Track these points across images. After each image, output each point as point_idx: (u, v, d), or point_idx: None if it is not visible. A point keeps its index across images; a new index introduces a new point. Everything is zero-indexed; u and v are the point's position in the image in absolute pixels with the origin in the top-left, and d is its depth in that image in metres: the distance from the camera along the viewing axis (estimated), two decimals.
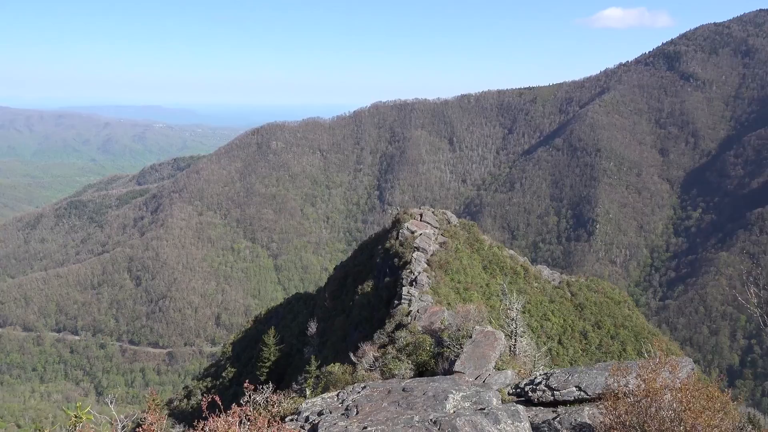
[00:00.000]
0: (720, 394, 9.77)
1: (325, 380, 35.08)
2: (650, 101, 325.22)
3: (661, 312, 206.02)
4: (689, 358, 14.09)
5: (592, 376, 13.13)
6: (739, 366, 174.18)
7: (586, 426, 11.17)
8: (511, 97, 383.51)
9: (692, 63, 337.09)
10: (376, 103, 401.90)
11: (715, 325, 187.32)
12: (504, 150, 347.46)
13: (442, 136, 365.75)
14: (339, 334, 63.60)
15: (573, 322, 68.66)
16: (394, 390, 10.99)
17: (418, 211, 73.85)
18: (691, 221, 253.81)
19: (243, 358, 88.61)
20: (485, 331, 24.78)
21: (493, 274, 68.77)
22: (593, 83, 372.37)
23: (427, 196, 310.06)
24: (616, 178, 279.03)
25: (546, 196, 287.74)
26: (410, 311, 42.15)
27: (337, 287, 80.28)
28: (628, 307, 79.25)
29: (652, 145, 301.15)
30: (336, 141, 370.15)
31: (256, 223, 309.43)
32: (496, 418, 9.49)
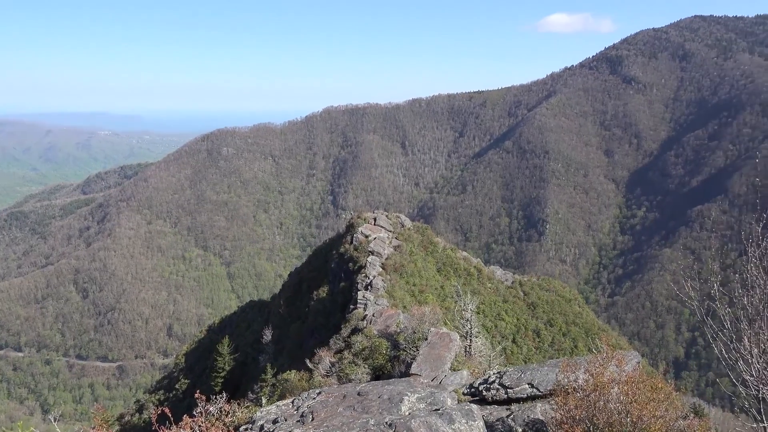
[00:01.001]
0: (664, 386, 10.15)
1: (281, 388, 34.72)
2: (595, 104, 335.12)
3: (610, 308, 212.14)
4: (636, 352, 14.57)
5: (543, 373, 13.42)
6: (685, 358, 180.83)
7: (539, 422, 11.42)
8: (461, 100, 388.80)
9: (633, 67, 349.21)
10: (327, 108, 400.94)
11: (661, 320, 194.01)
12: (455, 153, 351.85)
13: (395, 140, 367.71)
14: (295, 340, 62.96)
15: (526, 321, 69.83)
16: (350, 394, 10.99)
17: (372, 215, 73.90)
18: (636, 220, 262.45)
19: (197, 368, 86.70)
20: (440, 332, 24.98)
21: (448, 275, 69.39)
22: (540, 87, 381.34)
23: (380, 199, 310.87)
24: (564, 179, 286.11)
25: (497, 198, 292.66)
26: (366, 315, 42.14)
27: (292, 293, 79.49)
28: (578, 305, 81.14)
29: (597, 147, 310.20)
30: (288, 146, 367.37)
31: (207, 231, 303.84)
32: (451, 418, 9.60)
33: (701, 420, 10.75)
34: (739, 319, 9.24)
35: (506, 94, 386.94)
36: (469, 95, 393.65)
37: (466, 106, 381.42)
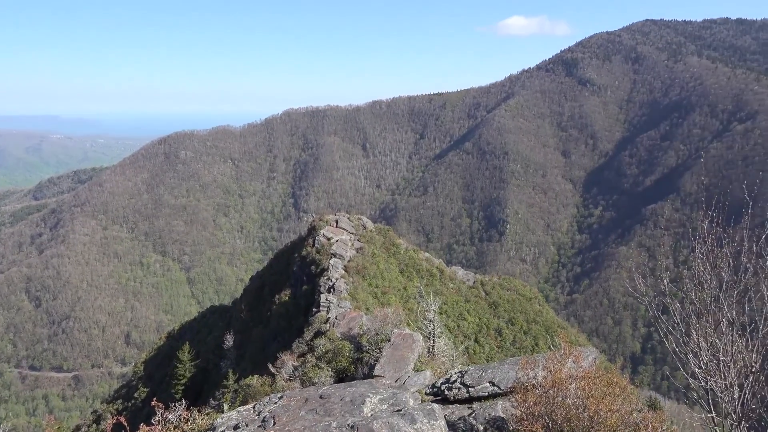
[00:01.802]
0: (619, 380, 10.44)
1: (243, 393, 34.33)
2: (552, 105, 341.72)
3: (569, 306, 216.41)
4: (593, 348, 14.94)
5: (504, 371, 13.64)
6: (641, 353, 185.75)
7: (500, 419, 11.60)
8: (421, 102, 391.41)
9: (588, 69, 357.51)
10: (287, 110, 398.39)
11: (618, 316, 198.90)
12: (416, 155, 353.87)
13: (356, 142, 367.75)
14: (257, 345, 62.27)
15: (488, 321, 70.58)
16: (312, 398, 10.96)
17: (333, 217, 73.69)
18: (593, 219, 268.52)
19: (156, 376, 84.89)
20: (403, 333, 25.09)
21: (410, 277, 69.66)
22: (499, 89, 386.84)
23: (342, 202, 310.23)
24: (523, 180, 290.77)
25: (458, 199, 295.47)
26: (329, 318, 42.02)
27: (253, 298, 78.62)
28: (538, 303, 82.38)
29: (555, 148, 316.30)
30: (248, 149, 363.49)
31: (166, 236, 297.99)
32: (413, 418, 9.68)
33: (656, 413, 11.08)
34: (689, 314, 9.59)
35: (465, 95, 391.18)
36: (429, 97, 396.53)
37: (427, 108, 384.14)
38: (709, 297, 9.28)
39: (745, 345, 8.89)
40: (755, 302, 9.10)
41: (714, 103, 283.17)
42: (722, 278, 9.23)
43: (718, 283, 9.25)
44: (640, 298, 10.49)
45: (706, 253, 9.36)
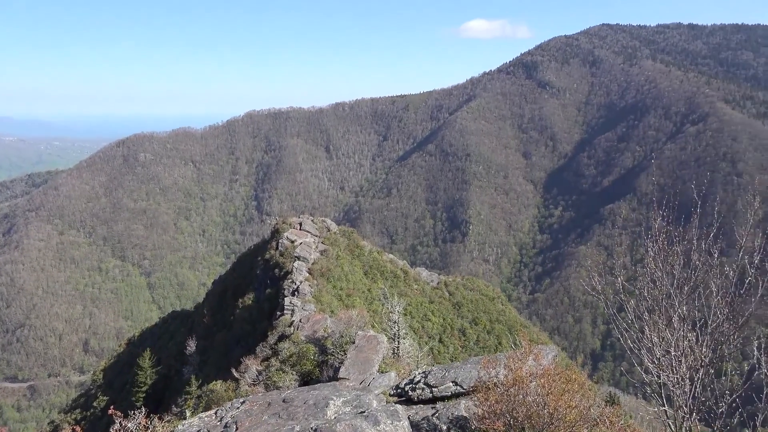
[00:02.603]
0: (577, 377, 10.70)
1: (206, 399, 33.87)
2: (512, 108, 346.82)
3: (531, 305, 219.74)
4: (553, 346, 15.23)
5: (466, 370, 13.79)
6: (601, 349, 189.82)
7: (462, 418, 11.74)
8: (384, 104, 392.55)
9: (547, 72, 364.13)
10: (249, 112, 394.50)
11: (578, 314, 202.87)
12: (380, 156, 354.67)
13: (319, 144, 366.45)
14: (220, 350, 61.43)
15: (452, 321, 71.16)
16: (275, 402, 10.90)
17: (297, 220, 73.27)
18: (554, 219, 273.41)
19: (116, 384, 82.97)
20: (368, 335, 25.12)
21: (374, 278, 69.75)
22: (460, 91, 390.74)
23: (306, 204, 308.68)
24: (485, 181, 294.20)
25: (422, 201, 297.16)
26: (293, 321, 41.78)
27: (216, 302, 77.56)
28: (501, 303, 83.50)
29: (516, 149, 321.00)
30: (209, 151, 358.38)
31: (125, 240, 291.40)
32: (376, 420, 9.72)
33: (613, 408, 11.39)
34: (642, 311, 9.90)
35: (428, 98, 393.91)
36: (392, 99, 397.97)
37: (390, 110, 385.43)
38: (661, 294, 9.60)
39: (696, 340, 9.23)
40: (704, 298, 9.46)
41: (668, 105, 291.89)
42: (673, 275, 9.58)
43: (670, 280, 9.58)
44: (596, 295, 10.78)
45: (658, 251, 9.69)
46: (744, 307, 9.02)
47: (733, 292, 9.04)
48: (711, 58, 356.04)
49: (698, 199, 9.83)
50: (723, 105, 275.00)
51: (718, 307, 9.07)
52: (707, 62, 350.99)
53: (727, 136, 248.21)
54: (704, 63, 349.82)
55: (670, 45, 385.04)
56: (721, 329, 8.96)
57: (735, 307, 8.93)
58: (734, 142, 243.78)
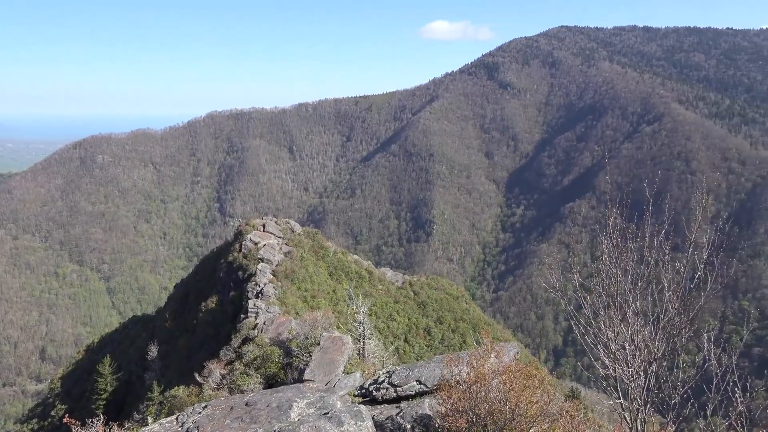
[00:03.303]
0: (537, 373, 10.93)
1: (169, 405, 33.32)
2: (475, 108, 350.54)
3: (495, 303, 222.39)
4: (514, 343, 15.52)
5: (430, 369, 13.93)
6: (563, 345, 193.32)
7: (426, 416, 11.86)
8: (347, 105, 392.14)
9: (508, 73, 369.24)
10: (211, 113, 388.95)
11: (541, 311, 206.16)
12: (344, 157, 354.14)
13: (282, 145, 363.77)
14: (183, 355, 60.48)
15: (417, 320, 71.54)
16: (237, 405, 10.81)
17: (260, 221, 72.67)
18: (516, 218, 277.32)
19: (75, 392, 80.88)
20: (333, 336, 25.09)
21: (339, 279, 69.65)
22: (423, 91, 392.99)
23: (269, 206, 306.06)
24: (448, 181, 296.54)
25: (386, 201, 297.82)
26: (257, 324, 41.44)
27: (178, 306, 76.36)
28: (465, 301, 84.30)
29: (478, 149, 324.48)
30: (170, 153, 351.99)
31: (83, 244, 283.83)
32: (340, 421, 9.75)
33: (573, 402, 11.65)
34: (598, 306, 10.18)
35: (391, 98, 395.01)
36: (355, 100, 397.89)
37: (353, 111, 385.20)
38: (616, 289, 9.89)
39: (649, 334, 9.55)
40: (657, 293, 9.78)
41: (624, 105, 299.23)
42: (627, 271, 9.88)
43: (624, 276, 9.89)
44: (554, 292, 11.03)
45: (612, 248, 9.98)
46: (694, 302, 9.36)
47: (684, 287, 9.38)
48: (665, 60, 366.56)
49: (650, 197, 10.15)
50: (677, 105, 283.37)
51: (669, 301, 9.40)
52: (662, 64, 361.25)
53: (681, 136, 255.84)
54: (659, 64, 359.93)
55: (626, 47, 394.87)
56: (672, 323, 9.29)
57: (686, 301, 9.26)
58: (688, 141, 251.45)
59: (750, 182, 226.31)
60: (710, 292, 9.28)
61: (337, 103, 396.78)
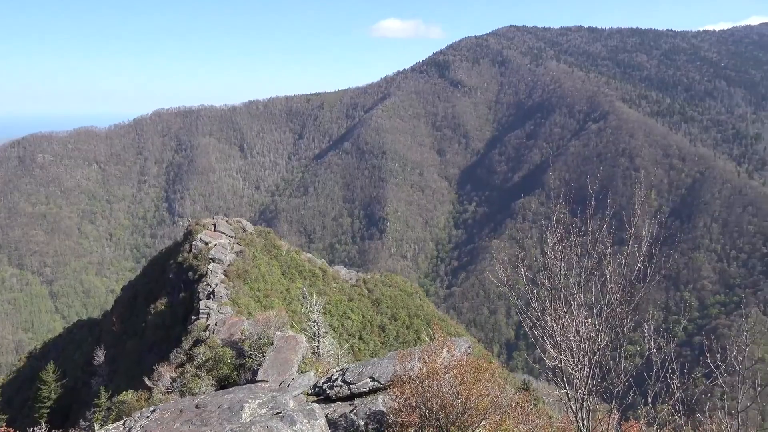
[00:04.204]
0: (488, 366, 11.15)
1: (117, 411, 32.45)
2: (426, 106, 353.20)
3: (449, 299, 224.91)
4: (466, 338, 15.78)
5: (383, 365, 14.02)
6: (515, 339, 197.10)
7: (380, 413, 11.93)
8: (299, 102, 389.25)
9: (459, 71, 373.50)
10: (158, 110, 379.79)
11: (493, 306, 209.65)
12: (296, 155, 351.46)
13: (232, 143, 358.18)
14: (132, 359, 58.95)
15: (372, 318, 71.72)
16: (187, 408, 10.61)
17: (211, 221, 71.39)
18: (468, 214, 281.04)
19: (16, 402, 77.67)
20: (286, 336, 24.94)
21: (293, 278, 69.15)
22: (375, 89, 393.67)
23: (220, 205, 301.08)
24: (401, 178, 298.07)
25: (339, 199, 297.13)
26: (208, 325, 40.76)
27: (126, 309, 74.36)
28: (419, 298, 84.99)
29: (430, 147, 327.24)
30: (115, 151, 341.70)
31: (23, 247, 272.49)
32: (292, 420, 9.70)
33: (523, 393, 11.94)
34: (544, 300, 10.46)
35: (343, 96, 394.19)
36: (307, 97, 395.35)
37: (305, 108, 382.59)
38: (561, 283, 10.19)
39: (593, 325, 9.88)
40: (600, 285, 10.12)
41: (571, 104, 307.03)
42: (571, 264, 10.20)
43: (568, 269, 10.20)
44: (503, 287, 11.27)
45: (557, 242, 10.28)
46: (635, 293, 9.73)
47: (625, 278, 9.74)
48: (609, 60, 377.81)
49: (593, 193, 10.49)
50: (621, 104, 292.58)
51: (612, 293, 9.74)
52: (606, 63, 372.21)
53: (625, 133, 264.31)
54: (603, 64, 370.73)
55: (573, 47, 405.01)
56: (615, 314, 9.64)
57: (626, 292, 9.62)
58: (631, 138, 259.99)
59: (690, 178, 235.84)
60: (649, 283, 9.66)
61: (288, 100, 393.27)
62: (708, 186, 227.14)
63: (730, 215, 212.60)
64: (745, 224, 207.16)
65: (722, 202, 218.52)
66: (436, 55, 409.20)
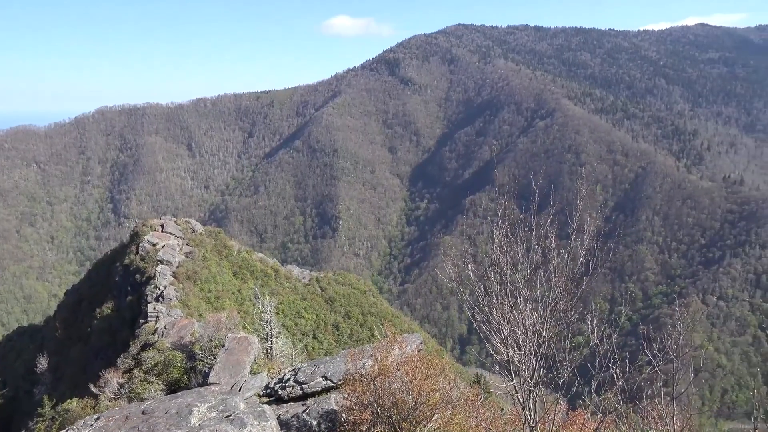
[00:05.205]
0: (439, 361, 11.30)
1: (60, 420, 31.41)
2: (377, 104, 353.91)
3: (402, 295, 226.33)
4: (418, 334, 15.93)
5: (336, 364, 14.01)
6: (468, 333, 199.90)
7: (332, 412, 11.93)
8: (248, 100, 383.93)
9: (409, 69, 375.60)
10: (101, 108, 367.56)
11: (446, 301, 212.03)
12: (246, 154, 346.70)
13: (180, 142, 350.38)
14: (77, 365, 57.11)
15: (325, 316, 71.56)
16: (133, 414, 10.36)
17: (159, 222, 69.72)
18: (420, 211, 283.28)
19: None
20: (238, 337, 24.61)
21: (245, 279, 68.30)
22: (326, 87, 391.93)
23: (168, 205, 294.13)
24: (353, 176, 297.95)
25: (291, 197, 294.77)
26: (157, 328, 39.90)
27: (70, 314, 71.95)
28: (373, 295, 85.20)
29: (382, 144, 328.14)
30: (56, 151, 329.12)
31: None
32: (242, 422, 9.60)
33: (474, 387, 12.15)
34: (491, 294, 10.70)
35: (293, 94, 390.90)
36: (257, 95, 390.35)
37: (254, 106, 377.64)
38: (507, 277, 10.44)
39: (538, 318, 10.16)
40: (545, 279, 10.41)
41: (519, 101, 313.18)
42: (516, 259, 10.46)
43: (514, 264, 10.46)
44: (451, 283, 11.45)
45: (502, 237, 10.53)
46: (578, 285, 10.05)
47: (568, 272, 10.05)
48: (555, 58, 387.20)
49: (536, 189, 10.77)
50: (567, 101, 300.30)
51: (555, 286, 10.04)
52: (552, 62, 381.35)
53: (571, 130, 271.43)
54: (549, 62, 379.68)
55: (520, 45, 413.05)
56: (559, 306, 9.93)
57: (569, 285, 9.93)
58: (577, 135, 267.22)
59: (632, 173, 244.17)
60: (592, 276, 9.99)
61: (237, 98, 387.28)
62: (650, 180, 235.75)
63: (670, 208, 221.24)
64: (684, 217, 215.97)
65: (663, 196, 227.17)
66: (387, 53, 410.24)
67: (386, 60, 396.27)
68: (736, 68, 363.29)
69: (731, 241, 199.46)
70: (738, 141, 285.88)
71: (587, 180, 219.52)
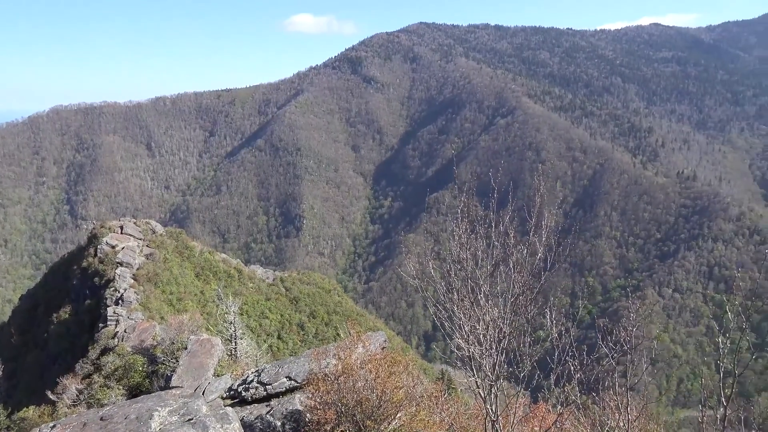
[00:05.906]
0: (402, 359, 11.39)
1: (17, 429, 30.49)
2: (340, 102, 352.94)
3: (367, 294, 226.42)
4: (382, 332, 15.98)
5: (300, 364, 13.97)
6: (433, 330, 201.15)
7: (297, 412, 11.90)
8: (209, 99, 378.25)
9: (372, 67, 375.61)
10: (56, 107, 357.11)
11: (410, 299, 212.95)
12: (207, 153, 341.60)
13: (139, 142, 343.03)
14: (33, 372, 55.52)
15: (290, 316, 71.13)
16: (91, 421, 10.13)
17: (117, 223, 68.12)
18: (384, 209, 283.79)
19: None
20: (201, 339, 24.30)
21: (207, 280, 67.34)
22: (288, 85, 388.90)
23: (127, 206, 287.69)
24: (316, 175, 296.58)
25: (254, 197, 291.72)
26: (117, 332, 39.07)
27: (25, 319, 69.83)
28: (337, 294, 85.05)
29: (345, 143, 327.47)
30: (8, 151, 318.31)
31: None
32: (204, 426, 9.50)
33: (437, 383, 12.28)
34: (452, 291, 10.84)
35: (255, 92, 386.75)
36: (217, 93, 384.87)
37: (215, 105, 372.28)
38: (467, 273, 10.59)
39: (499, 313, 10.34)
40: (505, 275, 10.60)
41: (481, 99, 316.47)
42: (477, 256, 10.62)
43: (474, 260, 10.62)
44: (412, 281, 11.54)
45: (462, 234, 10.68)
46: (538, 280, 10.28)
47: (526, 267, 10.26)
48: (515, 57, 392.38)
49: (495, 186, 10.94)
50: (527, 100, 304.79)
51: (515, 282, 10.24)
52: (512, 60, 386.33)
53: (531, 128, 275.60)
54: (510, 61, 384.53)
55: (481, 44, 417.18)
56: (518, 301, 10.13)
57: (528, 280, 10.13)
58: (537, 132, 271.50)
59: (591, 169, 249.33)
60: (550, 271, 10.22)
61: (197, 96, 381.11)
62: (607, 177, 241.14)
63: (627, 204, 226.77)
64: (641, 212, 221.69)
65: (620, 192, 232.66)
66: (349, 51, 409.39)
67: (349, 58, 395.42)
68: (689, 67, 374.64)
69: (685, 234, 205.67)
70: (690, 138, 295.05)
71: (547, 177, 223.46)
